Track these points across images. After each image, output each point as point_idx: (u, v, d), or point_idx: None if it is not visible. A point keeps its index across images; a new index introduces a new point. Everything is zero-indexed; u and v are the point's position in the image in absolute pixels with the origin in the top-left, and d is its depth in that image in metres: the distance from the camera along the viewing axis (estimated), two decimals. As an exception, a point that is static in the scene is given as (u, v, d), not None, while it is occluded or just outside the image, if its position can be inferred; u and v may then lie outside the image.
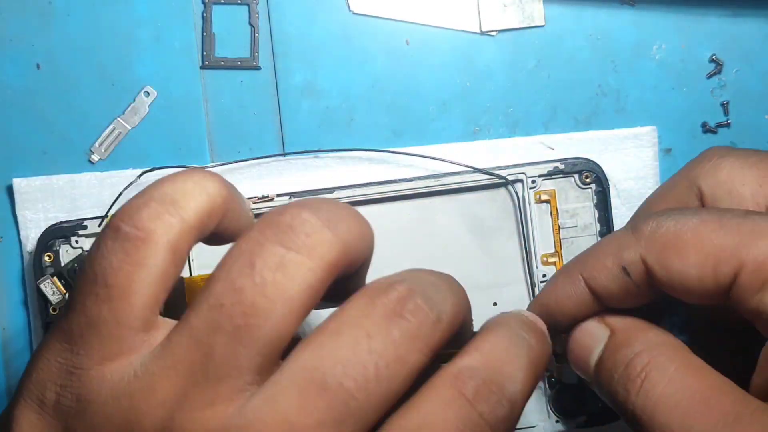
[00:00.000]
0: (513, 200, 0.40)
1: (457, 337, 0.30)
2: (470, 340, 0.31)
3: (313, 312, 0.27)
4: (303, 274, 0.26)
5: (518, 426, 0.39)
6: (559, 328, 0.33)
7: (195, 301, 0.26)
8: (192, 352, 0.25)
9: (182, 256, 0.27)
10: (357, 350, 0.25)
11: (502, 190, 0.40)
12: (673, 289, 0.29)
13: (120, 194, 0.40)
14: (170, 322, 0.27)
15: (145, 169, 0.40)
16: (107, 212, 0.39)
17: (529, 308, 0.33)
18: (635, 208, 0.40)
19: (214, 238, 0.29)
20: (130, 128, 0.41)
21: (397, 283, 0.27)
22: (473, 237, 0.40)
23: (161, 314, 0.27)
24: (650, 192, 0.40)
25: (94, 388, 0.26)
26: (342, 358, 0.25)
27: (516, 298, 0.39)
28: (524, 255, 0.40)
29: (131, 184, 0.40)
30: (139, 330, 0.26)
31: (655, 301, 0.31)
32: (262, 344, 0.25)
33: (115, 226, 0.27)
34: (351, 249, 0.27)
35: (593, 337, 0.32)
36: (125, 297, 0.26)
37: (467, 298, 0.30)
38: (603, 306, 0.31)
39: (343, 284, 0.29)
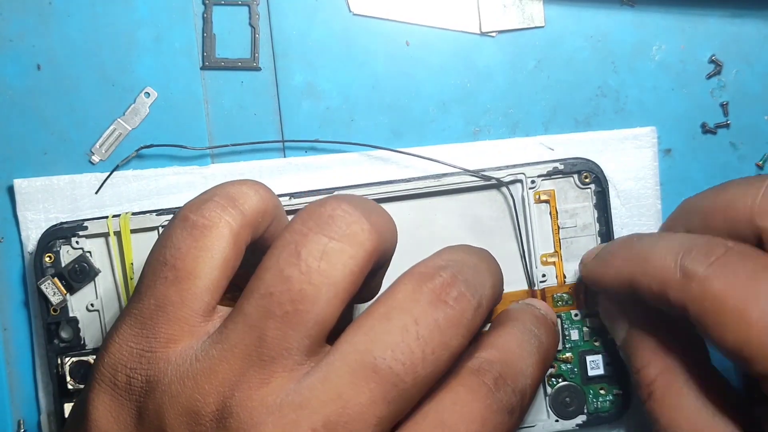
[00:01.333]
0: (508, 201, 0.40)
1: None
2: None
3: None
4: (345, 262, 0.28)
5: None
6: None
7: (247, 290, 0.28)
8: (246, 337, 0.27)
9: (242, 247, 0.30)
10: (405, 336, 0.27)
11: (502, 190, 0.40)
12: (709, 342, 0.31)
13: (116, 168, 0.40)
14: (227, 310, 0.29)
15: (143, 146, 0.40)
16: (99, 187, 0.39)
17: (582, 269, 0.38)
18: (635, 209, 0.41)
19: (262, 242, 0.31)
20: (130, 129, 0.41)
21: (442, 270, 0.29)
22: (473, 237, 0.40)
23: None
24: (650, 192, 0.41)
25: (161, 369, 0.28)
26: (392, 343, 0.27)
27: (516, 298, 0.39)
28: (524, 255, 0.40)
29: (127, 159, 0.40)
30: (200, 313, 0.29)
31: None
32: (310, 327, 0.27)
33: (183, 216, 0.30)
34: (385, 239, 0.29)
35: (616, 323, 0.37)
36: (192, 279, 0.29)
37: (502, 275, 0.33)
38: None
39: (367, 281, 0.31)
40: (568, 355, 0.39)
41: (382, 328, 0.27)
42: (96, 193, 0.40)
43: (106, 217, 0.39)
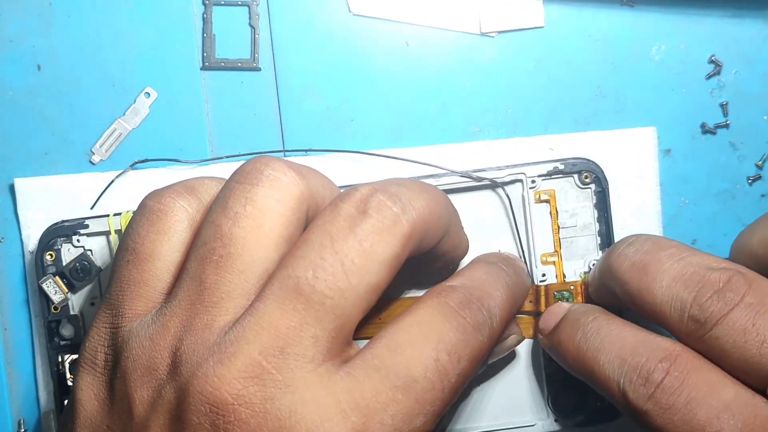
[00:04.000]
0: (503, 202, 0.40)
1: (446, 239, 0.33)
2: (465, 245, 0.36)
3: None
4: (271, 205, 0.29)
5: (517, 425, 0.40)
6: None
7: (189, 251, 0.30)
8: (189, 288, 0.29)
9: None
10: (323, 252, 0.28)
11: (498, 191, 0.40)
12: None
13: (110, 183, 0.40)
14: None
15: (137, 160, 0.40)
16: (96, 201, 0.39)
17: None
18: (635, 209, 0.41)
19: None
20: (130, 129, 0.41)
21: (361, 186, 0.30)
22: (473, 237, 0.40)
23: None
24: (650, 192, 0.41)
25: (125, 340, 0.30)
26: (311, 263, 0.28)
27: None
28: (524, 255, 0.40)
29: (122, 173, 0.40)
30: (163, 292, 0.30)
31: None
32: (244, 269, 0.28)
33: (142, 204, 0.31)
34: (314, 189, 0.30)
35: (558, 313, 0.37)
36: (151, 260, 0.30)
37: (444, 198, 0.33)
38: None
39: None
40: (568, 354, 0.39)
41: (301, 252, 0.28)
42: (91, 208, 0.40)
43: (107, 216, 0.39)
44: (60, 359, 0.38)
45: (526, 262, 0.39)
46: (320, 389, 0.27)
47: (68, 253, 0.39)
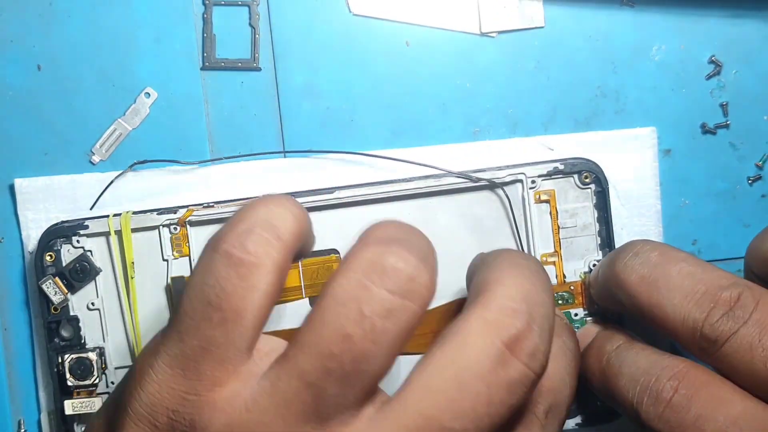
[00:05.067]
0: (503, 202, 0.40)
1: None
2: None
3: None
4: (408, 319, 0.27)
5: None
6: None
7: (302, 343, 0.27)
8: (303, 394, 0.26)
9: (285, 277, 0.28)
10: (477, 405, 0.26)
11: (497, 191, 0.40)
12: None
13: (109, 183, 0.40)
14: (269, 339, 0.28)
15: (137, 161, 0.40)
16: (95, 202, 0.39)
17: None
18: (635, 209, 0.41)
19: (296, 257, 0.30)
20: (130, 129, 0.41)
21: (516, 315, 0.27)
22: (473, 237, 0.40)
23: None
24: (650, 192, 0.41)
25: (206, 415, 0.27)
26: (461, 412, 0.26)
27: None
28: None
29: (121, 174, 0.40)
30: (244, 352, 0.28)
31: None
32: (368, 383, 0.26)
33: (224, 252, 0.27)
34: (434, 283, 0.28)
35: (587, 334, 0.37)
36: (239, 319, 0.27)
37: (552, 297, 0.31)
38: None
39: None
40: (568, 354, 0.39)
41: (453, 395, 0.26)
42: (91, 209, 0.40)
43: (107, 216, 0.39)
44: (60, 360, 0.38)
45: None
46: None
47: (68, 254, 0.39)
